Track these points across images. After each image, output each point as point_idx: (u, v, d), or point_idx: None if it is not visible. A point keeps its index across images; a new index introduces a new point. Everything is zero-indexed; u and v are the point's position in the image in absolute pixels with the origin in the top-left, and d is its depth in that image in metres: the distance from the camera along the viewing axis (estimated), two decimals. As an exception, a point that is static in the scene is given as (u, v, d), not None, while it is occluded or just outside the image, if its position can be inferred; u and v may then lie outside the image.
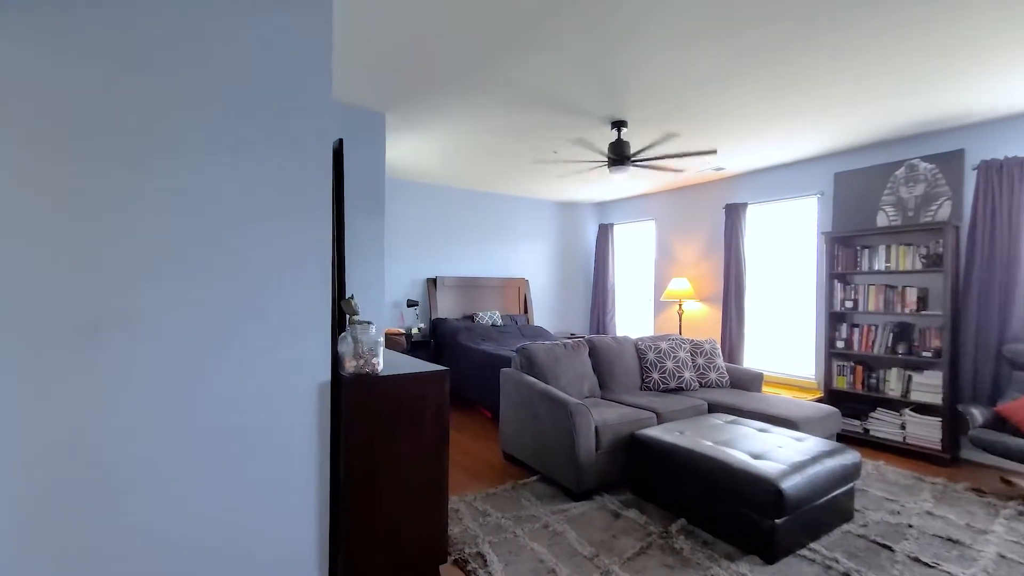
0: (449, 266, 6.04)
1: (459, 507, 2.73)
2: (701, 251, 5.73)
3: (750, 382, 4.05)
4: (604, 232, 6.88)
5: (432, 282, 5.81)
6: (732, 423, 3.07)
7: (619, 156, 3.69)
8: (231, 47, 1.66)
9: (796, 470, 2.32)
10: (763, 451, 2.55)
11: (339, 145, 2.03)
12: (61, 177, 1.44)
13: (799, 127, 3.72)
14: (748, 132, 3.85)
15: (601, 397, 3.69)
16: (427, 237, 5.87)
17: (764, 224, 5.17)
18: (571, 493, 2.90)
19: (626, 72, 2.81)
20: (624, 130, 3.68)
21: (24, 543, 1.40)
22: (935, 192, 3.82)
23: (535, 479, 3.17)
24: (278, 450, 1.74)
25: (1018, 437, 2.89)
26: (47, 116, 1.43)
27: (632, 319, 6.77)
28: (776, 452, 2.53)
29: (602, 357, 3.88)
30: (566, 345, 3.74)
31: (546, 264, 6.92)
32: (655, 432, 2.89)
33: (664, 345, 4.05)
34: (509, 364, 3.88)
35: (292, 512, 1.77)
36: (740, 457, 2.46)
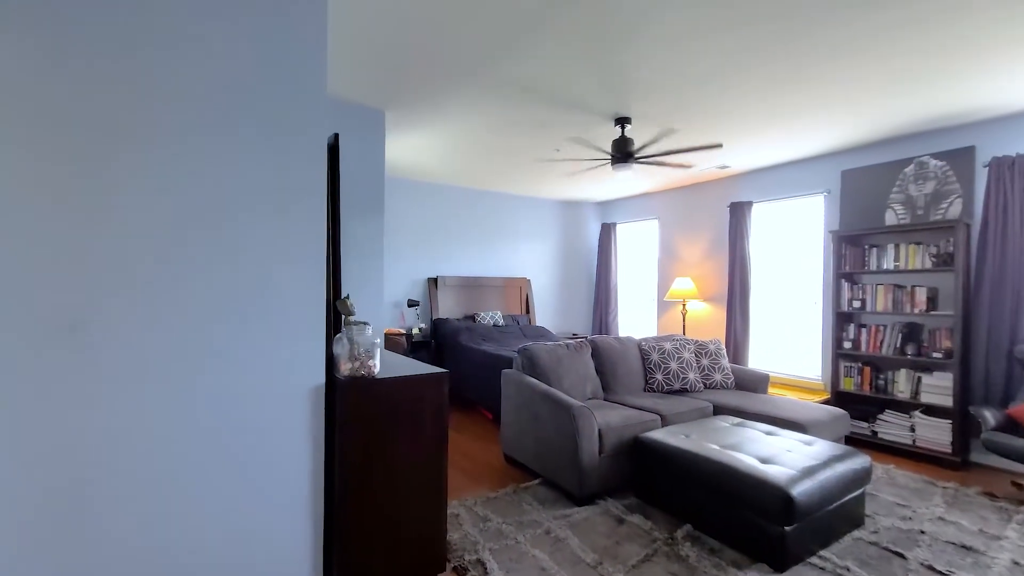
0: (450, 266, 5.98)
1: (459, 512, 2.67)
2: (705, 250, 5.65)
3: (756, 383, 3.97)
4: (607, 231, 6.82)
5: (433, 282, 5.75)
6: (739, 426, 3.00)
7: (623, 153, 3.62)
8: (231, 46, 1.62)
9: (806, 475, 2.25)
10: (771, 455, 2.48)
11: (334, 140, 1.97)
12: (56, 176, 1.42)
13: (804, 124, 3.66)
14: (751, 130, 3.79)
15: (604, 399, 3.63)
16: (428, 236, 5.81)
17: (770, 223, 5.09)
18: (574, 497, 2.83)
19: (628, 69, 2.76)
20: (628, 127, 3.62)
21: (24, 543, 1.39)
22: (945, 190, 3.74)
23: (537, 483, 3.11)
24: (270, 454, 1.70)
25: (1032, 440, 2.82)
26: (44, 115, 1.41)
27: (635, 319, 6.70)
28: (785, 456, 2.46)
29: (605, 358, 3.81)
30: (568, 346, 3.67)
31: (548, 264, 6.85)
32: (660, 435, 2.83)
33: (668, 346, 3.98)
34: (510, 365, 3.81)
35: (285, 518, 1.73)
36: (748, 461, 2.40)
